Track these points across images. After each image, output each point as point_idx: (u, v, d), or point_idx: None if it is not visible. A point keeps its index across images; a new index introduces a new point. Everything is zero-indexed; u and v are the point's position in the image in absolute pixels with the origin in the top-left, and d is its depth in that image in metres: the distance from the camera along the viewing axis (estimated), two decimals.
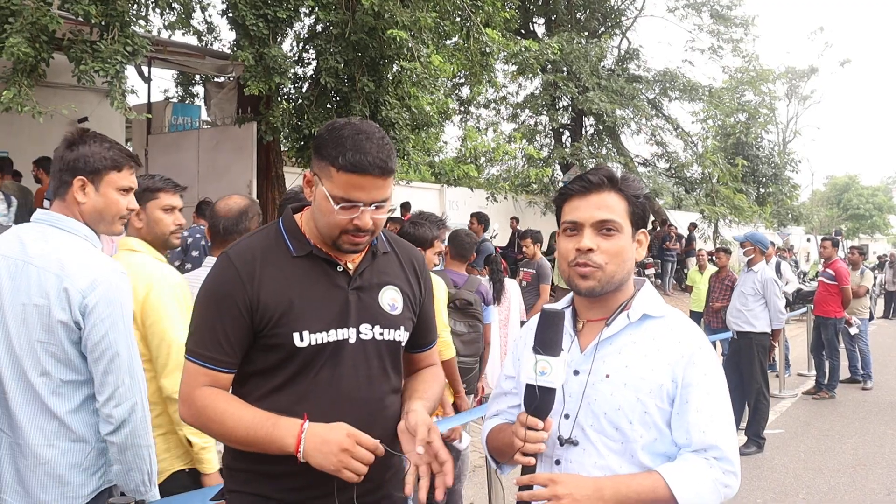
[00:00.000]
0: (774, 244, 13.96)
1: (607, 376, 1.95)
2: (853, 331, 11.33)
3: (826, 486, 6.74)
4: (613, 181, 1.99)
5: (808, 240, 35.27)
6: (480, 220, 10.88)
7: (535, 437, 1.88)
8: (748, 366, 7.90)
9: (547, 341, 1.89)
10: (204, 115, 14.13)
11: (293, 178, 11.97)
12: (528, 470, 1.97)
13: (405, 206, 14.53)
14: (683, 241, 21.31)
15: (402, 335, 2.19)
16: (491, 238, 15.72)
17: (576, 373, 1.99)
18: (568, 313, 2.07)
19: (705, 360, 1.94)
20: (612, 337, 1.98)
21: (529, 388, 1.88)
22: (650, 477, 1.87)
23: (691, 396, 1.90)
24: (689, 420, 1.89)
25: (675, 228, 21.69)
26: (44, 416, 2.44)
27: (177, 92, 16.05)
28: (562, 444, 1.97)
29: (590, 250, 1.94)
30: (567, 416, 1.98)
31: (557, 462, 2.00)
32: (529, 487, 1.92)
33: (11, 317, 2.44)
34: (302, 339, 2.03)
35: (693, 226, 22.53)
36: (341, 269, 2.12)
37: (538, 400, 1.87)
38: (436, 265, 4.96)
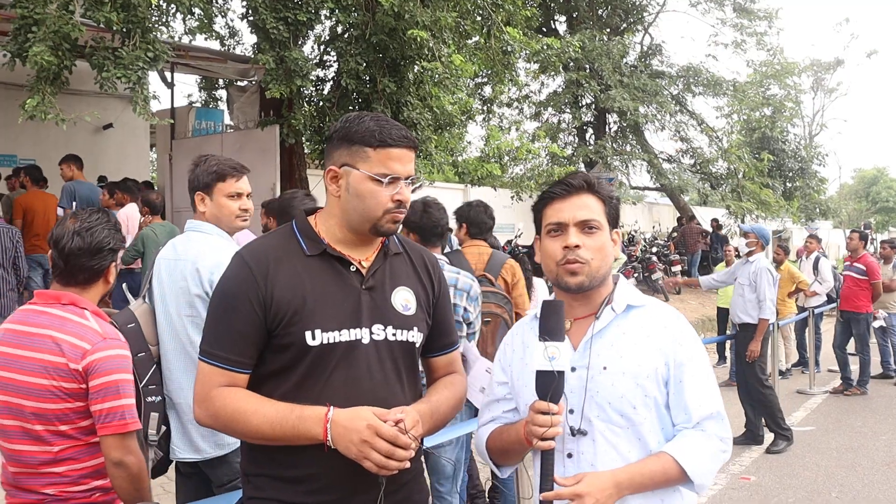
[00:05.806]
0: (819, 238, 13.73)
1: (605, 368, 2.07)
2: (877, 324, 11.15)
3: (860, 484, 6.64)
4: (591, 185, 2.16)
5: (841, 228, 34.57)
6: None
7: (552, 421, 1.96)
8: (744, 356, 7.78)
9: (551, 328, 1.99)
10: (227, 119, 14.22)
11: (316, 180, 11.99)
12: (545, 466, 2.00)
13: None
14: (710, 237, 21.20)
15: (415, 336, 2.18)
16: (516, 237, 15.68)
17: (573, 369, 2.07)
18: None
19: (690, 340, 2.12)
20: (602, 331, 2.11)
21: (542, 374, 1.96)
22: (659, 459, 2.02)
23: (684, 376, 2.07)
24: (686, 398, 2.06)
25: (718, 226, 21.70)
26: None
27: (200, 96, 16.18)
28: (573, 435, 2.07)
29: (577, 247, 2.09)
30: (572, 412, 2.08)
31: (570, 455, 2.09)
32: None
33: (171, 300, 3.22)
34: (314, 338, 2.03)
35: (715, 221, 22.46)
36: (354, 269, 2.13)
37: (551, 383, 1.95)
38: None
